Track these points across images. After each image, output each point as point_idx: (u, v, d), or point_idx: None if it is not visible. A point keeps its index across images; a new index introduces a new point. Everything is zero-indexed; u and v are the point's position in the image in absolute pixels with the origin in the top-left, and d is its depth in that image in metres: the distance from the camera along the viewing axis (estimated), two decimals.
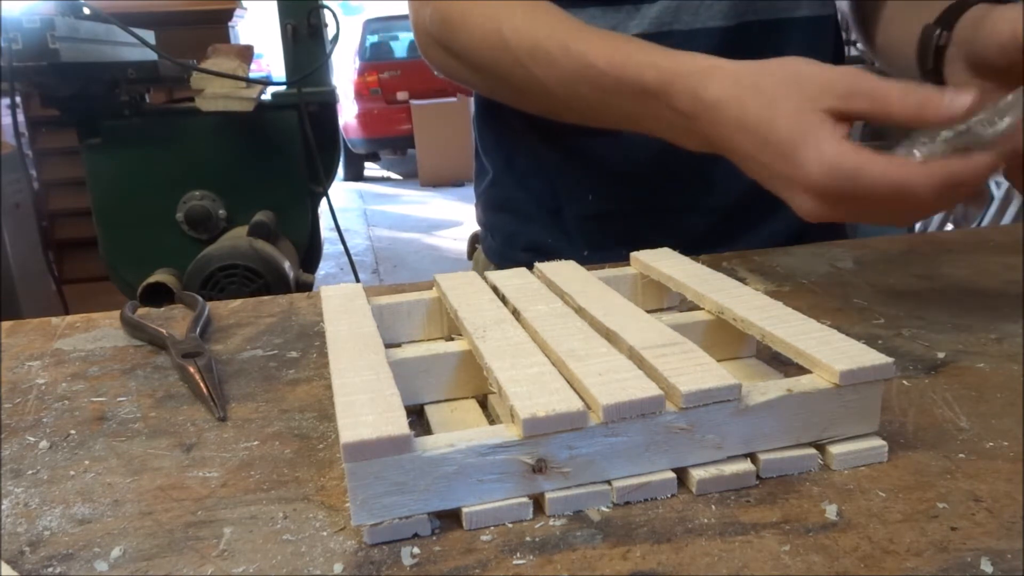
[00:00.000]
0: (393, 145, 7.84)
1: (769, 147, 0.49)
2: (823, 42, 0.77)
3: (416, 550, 0.32)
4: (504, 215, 0.86)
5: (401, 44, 7.86)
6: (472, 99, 0.89)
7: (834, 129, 0.46)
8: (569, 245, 0.81)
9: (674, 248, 0.58)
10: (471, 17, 0.66)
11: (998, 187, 3.90)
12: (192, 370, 0.49)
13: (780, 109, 0.48)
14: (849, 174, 0.45)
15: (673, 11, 0.72)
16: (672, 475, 0.36)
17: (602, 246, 0.79)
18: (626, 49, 0.58)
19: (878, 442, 0.38)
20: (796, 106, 0.48)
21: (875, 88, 0.46)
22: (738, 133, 0.51)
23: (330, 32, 2.14)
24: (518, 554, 0.32)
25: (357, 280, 1.98)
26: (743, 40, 0.72)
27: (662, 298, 0.56)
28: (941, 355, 0.49)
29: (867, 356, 0.38)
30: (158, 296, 1.89)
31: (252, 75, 2.02)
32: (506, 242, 0.87)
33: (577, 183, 0.80)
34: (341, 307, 0.49)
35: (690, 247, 0.59)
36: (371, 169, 8.25)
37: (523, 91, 0.67)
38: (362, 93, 7.38)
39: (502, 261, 0.87)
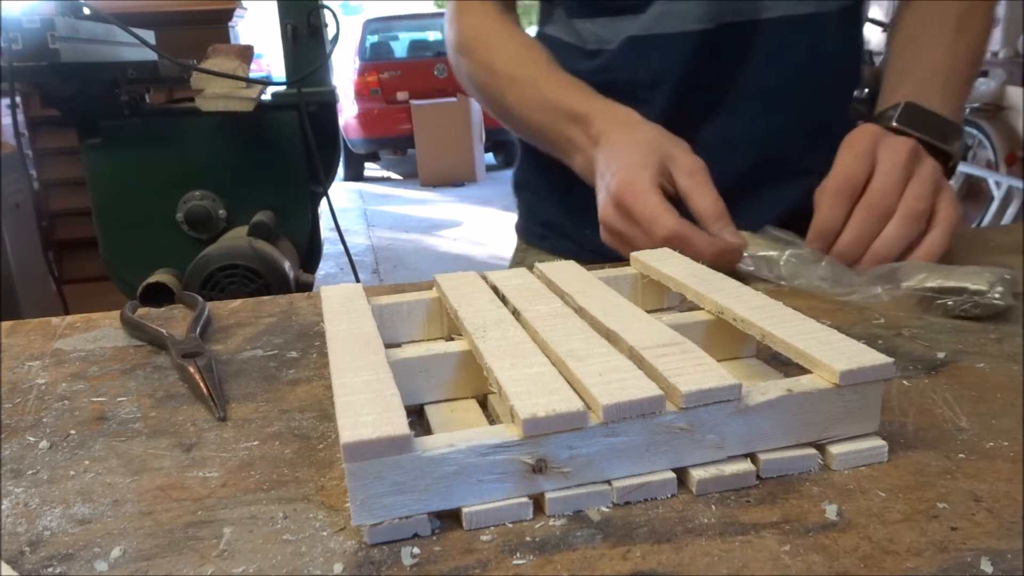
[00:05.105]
0: (393, 145, 7.84)
1: (619, 165, 0.69)
2: (800, 40, 0.83)
3: (416, 550, 0.32)
4: (526, 193, 1.01)
5: (401, 44, 7.86)
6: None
7: (655, 181, 0.66)
8: (576, 224, 0.91)
9: None
10: (478, 46, 0.89)
11: (998, 187, 3.90)
12: (192, 370, 0.49)
13: (638, 150, 0.69)
14: (633, 198, 0.65)
15: (657, 16, 0.82)
16: (672, 475, 0.36)
17: None
18: (572, 90, 0.79)
19: (878, 442, 0.38)
20: (646, 152, 0.69)
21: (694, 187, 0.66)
22: (609, 151, 0.72)
23: (330, 32, 2.13)
24: (518, 554, 0.32)
25: (357, 280, 1.98)
26: (721, 41, 0.81)
27: (662, 298, 0.56)
28: (941, 355, 0.49)
29: (867, 356, 0.38)
30: (158, 296, 1.89)
31: (252, 75, 2.02)
32: (526, 217, 1.01)
33: None
34: (341, 307, 0.49)
35: None
36: (371, 169, 8.26)
37: (501, 114, 0.89)
38: (362, 93, 7.38)
39: (524, 235, 1.02)
